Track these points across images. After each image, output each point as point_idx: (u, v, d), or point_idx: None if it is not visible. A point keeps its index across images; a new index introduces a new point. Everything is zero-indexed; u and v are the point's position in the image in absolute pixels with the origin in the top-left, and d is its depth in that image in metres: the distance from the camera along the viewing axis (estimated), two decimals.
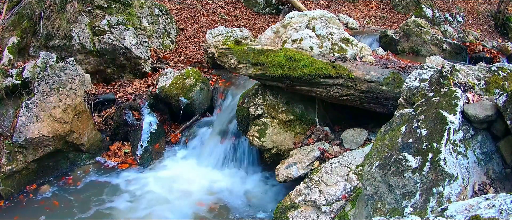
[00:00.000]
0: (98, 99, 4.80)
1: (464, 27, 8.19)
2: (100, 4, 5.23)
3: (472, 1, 9.60)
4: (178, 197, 3.94)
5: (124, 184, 4.14)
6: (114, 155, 4.65)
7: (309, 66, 3.61)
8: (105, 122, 4.76)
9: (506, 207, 1.40)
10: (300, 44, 4.38)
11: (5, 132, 3.89)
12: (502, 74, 2.63)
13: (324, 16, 4.82)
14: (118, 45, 5.13)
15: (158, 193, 3.99)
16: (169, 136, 4.93)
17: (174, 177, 4.26)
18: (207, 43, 5.72)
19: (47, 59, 4.30)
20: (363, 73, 3.62)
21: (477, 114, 2.16)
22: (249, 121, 4.18)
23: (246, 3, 8.84)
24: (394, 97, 3.44)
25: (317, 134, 3.90)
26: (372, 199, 2.17)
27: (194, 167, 4.46)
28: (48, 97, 4.12)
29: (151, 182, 4.18)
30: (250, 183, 4.19)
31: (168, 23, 6.51)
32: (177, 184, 4.14)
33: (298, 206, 3.07)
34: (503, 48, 7.23)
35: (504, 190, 2.06)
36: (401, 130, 2.28)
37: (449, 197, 1.87)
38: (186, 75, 4.96)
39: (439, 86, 2.60)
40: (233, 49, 3.86)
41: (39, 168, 4.11)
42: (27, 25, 4.73)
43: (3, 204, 3.75)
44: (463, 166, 2.06)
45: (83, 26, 5.02)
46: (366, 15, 9.30)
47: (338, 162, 3.29)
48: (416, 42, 6.87)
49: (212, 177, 4.28)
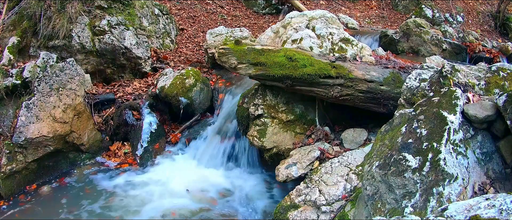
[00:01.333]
0: (98, 99, 4.80)
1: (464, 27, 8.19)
2: (100, 4, 5.23)
3: (472, 1, 9.60)
4: (178, 197, 3.94)
5: (124, 184, 4.14)
6: (114, 155, 4.65)
7: (309, 66, 3.61)
8: (105, 122, 4.76)
9: (506, 207, 1.40)
10: (300, 44, 4.38)
11: (5, 132, 3.89)
12: (502, 74, 2.63)
13: (324, 16, 4.82)
14: (118, 45, 5.13)
15: (158, 193, 3.99)
16: (169, 136, 4.93)
17: (174, 177, 4.26)
18: (207, 43, 5.72)
19: (47, 59, 4.30)
20: (363, 73, 3.62)
21: (477, 114, 2.16)
22: (249, 121, 4.18)
23: (246, 3, 8.84)
24: (394, 97, 3.44)
25: (317, 134, 3.89)
26: (372, 199, 2.17)
27: (194, 167, 4.45)
28: (48, 97, 4.12)
29: (151, 182, 4.18)
30: (250, 183, 4.19)
31: (168, 23, 6.51)
32: (177, 184, 4.14)
33: (298, 206, 3.07)
34: (503, 48, 7.23)
35: (504, 190, 2.06)
36: (401, 130, 2.28)
37: (449, 197, 1.87)
38: (186, 75, 4.96)
39: (439, 86, 2.60)
40: (233, 49, 3.86)
41: (39, 168, 4.11)
42: (27, 25, 4.73)
43: (3, 204, 3.75)
44: (463, 166, 2.06)
45: (83, 26, 5.02)
46: (366, 15, 9.30)
47: (338, 162, 3.29)
48: (416, 42, 6.86)
49: (212, 177, 4.28)
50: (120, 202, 3.84)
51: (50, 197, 3.90)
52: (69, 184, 4.13)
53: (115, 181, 4.19)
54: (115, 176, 4.28)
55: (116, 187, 4.09)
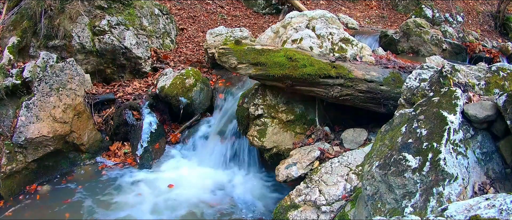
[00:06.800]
0: (98, 99, 4.80)
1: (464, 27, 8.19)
2: (100, 4, 5.23)
3: (472, 1, 9.60)
4: (178, 197, 3.94)
5: (124, 184, 4.14)
6: (114, 155, 4.65)
7: (309, 66, 3.61)
8: (105, 122, 4.76)
9: (506, 207, 1.40)
10: (300, 44, 4.38)
11: (5, 132, 3.89)
12: (502, 74, 2.63)
13: (324, 16, 4.82)
14: (118, 45, 5.13)
15: (158, 193, 3.99)
16: (169, 136, 4.93)
17: (174, 177, 4.26)
18: (207, 43, 5.72)
19: (47, 59, 4.30)
20: (363, 73, 3.62)
21: (477, 113, 2.16)
22: (249, 121, 4.18)
23: (246, 3, 8.84)
24: (394, 97, 3.44)
25: (317, 134, 3.89)
26: (372, 199, 2.17)
27: (194, 167, 4.45)
28: (48, 97, 4.12)
29: (151, 182, 4.18)
30: (249, 183, 4.19)
31: (168, 23, 6.51)
32: (176, 184, 4.14)
33: (298, 206, 3.07)
34: (503, 48, 7.24)
35: (504, 190, 2.06)
36: (401, 130, 2.28)
37: (449, 197, 1.87)
38: (186, 75, 4.96)
39: (439, 86, 2.60)
40: (233, 49, 3.86)
41: (39, 168, 4.11)
42: (27, 25, 4.73)
43: (3, 204, 3.75)
44: (463, 166, 2.06)
45: (83, 26, 5.02)
46: (366, 15, 9.30)
47: (338, 162, 3.29)
48: (416, 42, 6.87)
49: (211, 177, 4.28)
50: (120, 202, 3.84)
51: (50, 197, 3.90)
52: (69, 184, 4.13)
53: (115, 181, 4.19)
54: (115, 176, 4.28)
55: (116, 187, 4.09)
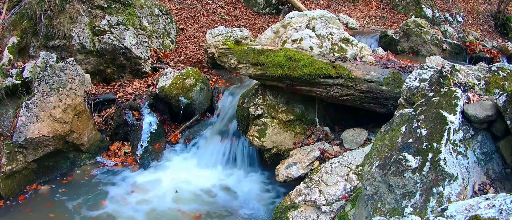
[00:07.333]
0: (98, 99, 4.80)
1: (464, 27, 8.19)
2: (100, 4, 5.23)
3: (472, 1, 9.60)
4: (178, 197, 3.94)
5: (124, 184, 4.14)
6: (114, 155, 4.64)
7: (309, 66, 3.61)
8: (105, 122, 4.76)
9: (506, 207, 1.40)
10: (300, 44, 4.38)
11: (5, 132, 3.89)
12: (502, 74, 2.63)
13: (324, 16, 4.82)
14: (118, 45, 5.13)
15: (157, 193, 3.99)
16: (169, 136, 4.93)
17: (173, 177, 4.26)
18: (207, 43, 5.72)
19: (47, 59, 4.30)
20: (363, 73, 3.62)
21: (477, 113, 2.16)
22: (249, 121, 4.18)
23: (246, 3, 8.84)
24: (394, 97, 3.44)
25: (317, 134, 3.90)
26: (372, 199, 2.17)
27: (194, 167, 4.45)
28: (48, 97, 4.12)
29: (151, 182, 4.17)
30: (249, 183, 4.19)
31: (168, 23, 6.51)
32: (176, 184, 4.14)
33: (298, 206, 3.07)
34: (503, 48, 7.24)
35: (504, 190, 2.06)
36: (401, 130, 2.28)
37: (449, 197, 1.87)
38: (186, 75, 4.96)
39: (439, 86, 2.60)
40: (233, 49, 3.86)
41: (39, 168, 4.11)
42: (27, 25, 4.73)
43: (3, 204, 3.75)
44: (463, 166, 2.06)
45: (83, 26, 5.02)
46: (366, 15, 9.30)
47: (338, 162, 3.29)
48: (416, 42, 6.87)
49: (211, 177, 4.28)
50: (120, 201, 3.84)
51: (50, 197, 3.90)
52: (69, 184, 4.13)
53: (115, 181, 4.19)
54: (115, 176, 4.28)
55: (116, 187, 4.09)
